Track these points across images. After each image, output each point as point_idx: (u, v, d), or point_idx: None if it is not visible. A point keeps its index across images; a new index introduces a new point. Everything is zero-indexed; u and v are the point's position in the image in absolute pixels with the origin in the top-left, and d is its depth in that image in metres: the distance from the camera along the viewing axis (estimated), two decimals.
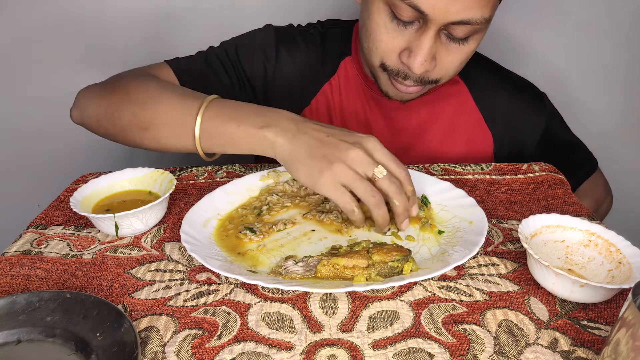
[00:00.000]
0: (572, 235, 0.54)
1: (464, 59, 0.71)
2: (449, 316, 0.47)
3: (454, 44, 0.68)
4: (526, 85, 0.90)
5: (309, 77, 0.86)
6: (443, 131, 0.87)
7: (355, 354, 0.43)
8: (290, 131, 0.59)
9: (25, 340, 0.45)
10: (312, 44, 0.86)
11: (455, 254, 0.53)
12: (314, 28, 0.88)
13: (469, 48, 0.69)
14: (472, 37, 0.68)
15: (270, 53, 0.84)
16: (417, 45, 0.66)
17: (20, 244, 0.61)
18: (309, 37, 0.87)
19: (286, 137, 0.59)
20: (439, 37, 0.67)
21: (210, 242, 0.59)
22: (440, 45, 0.68)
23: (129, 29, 1.20)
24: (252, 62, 0.84)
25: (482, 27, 0.66)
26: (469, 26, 0.64)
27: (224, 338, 0.45)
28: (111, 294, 0.52)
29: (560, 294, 0.49)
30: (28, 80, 1.26)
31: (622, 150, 1.32)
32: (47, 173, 1.35)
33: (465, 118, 0.86)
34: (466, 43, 0.68)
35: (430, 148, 0.87)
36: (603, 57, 1.23)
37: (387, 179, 0.57)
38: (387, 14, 0.67)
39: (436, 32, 0.65)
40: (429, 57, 0.67)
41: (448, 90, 0.85)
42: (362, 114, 0.86)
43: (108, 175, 0.67)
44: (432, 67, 0.69)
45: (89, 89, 0.76)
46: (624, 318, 0.35)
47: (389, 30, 0.68)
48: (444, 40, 0.68)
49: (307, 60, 0.86)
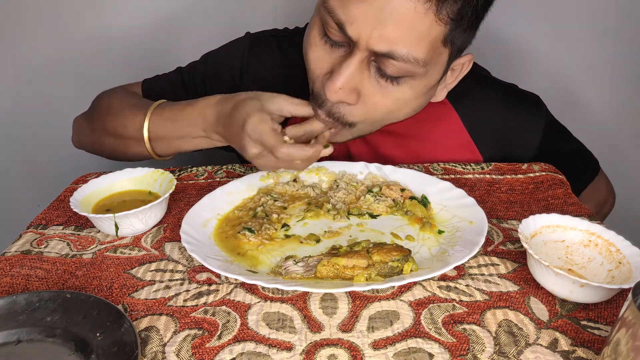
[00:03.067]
0: (572, 235, 0.54)
1: (394, 107, 0.63)
2: (449, 316, 0.47)
3: (383, 81, 0.60)
4: (522, 97, 0.81)
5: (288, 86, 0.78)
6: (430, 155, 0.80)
7: (355, 354, 0.43)
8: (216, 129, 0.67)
9: (25, 340, 0.45)
10: (293, 55, 0.79)
11: (455, 254, 0.53)
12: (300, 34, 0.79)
13: (400, 93, 0.61)
14: (405, 80, 0.60)
15: (237, 71, 0.82)
16: (337, 69, 0.59)
17: (20, 244, 0.61)
18: (289, 46, 0.82)
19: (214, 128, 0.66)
20: (367, 69, 0.59)
21: (210, 242, 0.59)
22: (367, 78, 0.60)
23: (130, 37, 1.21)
24: (219, 78, 0.83)
25: (415, 69, 0.58)
26: (398, 63, 0.57)
27: (224, 338, 0.45)
28: (111, 294, 0.52)
29: (560, 294, 0.49)
30: (28, 80, 1.26)
31: (622, 150, 1.32)
32: (47, 173, 1.35)
33: (454, 142, 0.80)
34: (397, 85, 0.60)
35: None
36: (605, 56, 1.23)
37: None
38: (319, 31, 0.61)
39: (363, 60, 0.58)
40: (347, 85, 0.59)
41: (435, 112, 0.76)
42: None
43: (108, 175, 0.67)
44: (353, 100, 0.61)
45: (78, 120, 0.87)
46: (624, 318, 0.35)
47: (318, 49, 0.62)
48: (373, 73, 0.60)
49: (284, 73, 0.80)
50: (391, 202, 0.65)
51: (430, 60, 0.58)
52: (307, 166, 0.64)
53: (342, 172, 0.73)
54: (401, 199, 0.66)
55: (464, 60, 0.67)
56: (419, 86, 0.62)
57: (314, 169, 0.73)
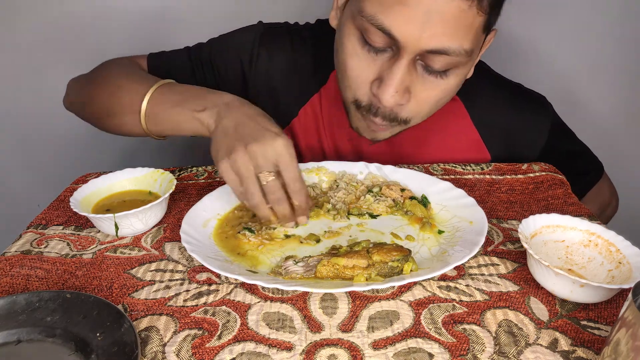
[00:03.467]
0: (572, 235, 0.54)
1: (442, 96, 0.65)
2: (449, 316, 0.47)
3: (431, 76, 0.62)
4: (528, 97, 0.83)
5: (295, 84, 0.81)
6: (438, 150, 0.82)
7: (355, 354, 0.43)
8: (220, 114, 0.61)
9: (25, 340, 0.45)
10: (303, 49, 0.81)
11: (455, 254, 0.53)
12: (310, 30, 0.84)
13: (448, 84, 0.63)
14: (452, 71, 0.62)
15: (248, 56, 0.81)
16: (388, 75, 0.60)
17: (20, 244, 0.61)
18: (300, 40, 0.82)
19: (215, 119, 0.61)
20: (414, 68, 0.61)
21: (210, 242, 0.59)
22: (415, 77, 0.62)
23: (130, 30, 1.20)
24: (227, 63, 0.82)
25: (462, 60, 0.60)
26: (446, 57, 0.59)
27: (224, 338, 0.45)
28: (111, 294, 0.52)
29: (560, 294, 0.49)
30: (28, 80, 1.26)
31: (623, 150, 1.32)
32: (47, 173, 1.35)
33: (463, 138, 0.82)
34: (445, 77, 0.62)
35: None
36: (607, 57, 1.22)
37: (271, 186, 0.57)
38: (358, 39, 0.62)
39: (410, 61, 0.60)
40: (400, 88, 0.61)
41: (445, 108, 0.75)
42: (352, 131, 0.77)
43: (108, 175, 0.67)
44: (406, 100, 0.63)
45: (75, 79, 0.83)
46: (624, 318, 0.35)
47: (360, 58, 0.62)
48: (420, 71, 0.62)
49: (294, 66, 0.81)
50: (391, 202, 0.65)
51: (474, 48, 0.61)
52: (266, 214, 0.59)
53: (342, 172, 0.73)
54: (401, 199, 0.66)
55: (491, 36, 0.68)
56: (462, 73, 0.64)
57: (314, 169, 0.73)
